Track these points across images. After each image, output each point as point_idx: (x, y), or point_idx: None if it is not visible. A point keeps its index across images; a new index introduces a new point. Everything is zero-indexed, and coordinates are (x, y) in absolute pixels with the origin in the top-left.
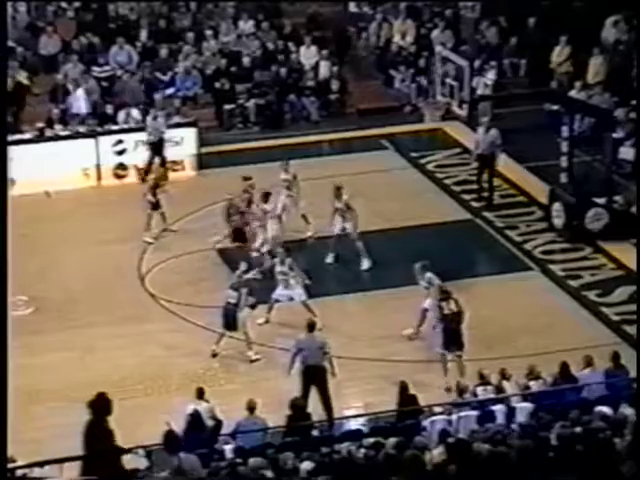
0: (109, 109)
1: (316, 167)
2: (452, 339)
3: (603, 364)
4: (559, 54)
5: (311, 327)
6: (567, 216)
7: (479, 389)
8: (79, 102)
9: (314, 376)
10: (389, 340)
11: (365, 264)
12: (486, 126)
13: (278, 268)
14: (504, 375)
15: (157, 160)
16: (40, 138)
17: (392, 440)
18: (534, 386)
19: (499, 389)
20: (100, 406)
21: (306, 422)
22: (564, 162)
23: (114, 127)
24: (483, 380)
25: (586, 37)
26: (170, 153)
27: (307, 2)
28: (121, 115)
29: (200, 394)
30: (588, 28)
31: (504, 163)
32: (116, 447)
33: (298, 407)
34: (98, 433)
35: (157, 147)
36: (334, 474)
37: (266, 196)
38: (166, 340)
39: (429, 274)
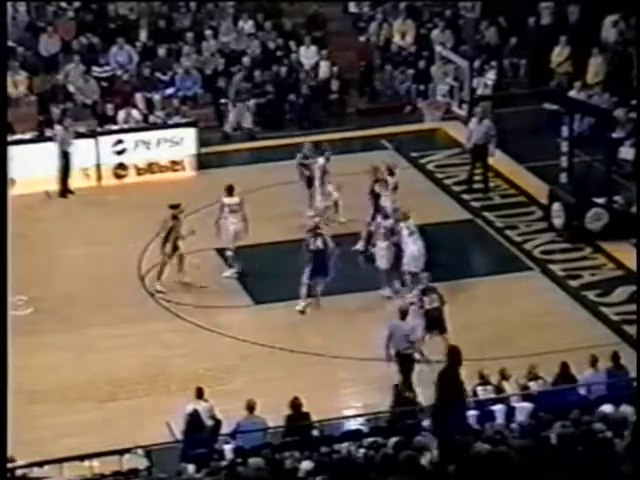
0: (109, 109)
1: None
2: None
3: (603, 364)
4: (559, 54)
5: (404, 314)
6: (567, 216)
7: (479, 389)
8: None
9: (401, 362)
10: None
11: None
12: (479, 117)
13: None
14: (504, 375)
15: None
16: (40, 138)
17: (392, 440)
18: (534, 386)
19: (499, 389)
20: (454, 357)
21: (306, 422)
22: (564, 162)
23: (114, 127)
24: (483, 380)
25: (586, 37)
26: (170, 153)
27: (307, 2)
28: (121, 115)
29: (199, 394)
30: (588, 28)
31: (499, 157)
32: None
33: (298, 407)
34: (450, 382)
35: (66, 157)
36: (334, 474)
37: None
38: (166, 340)
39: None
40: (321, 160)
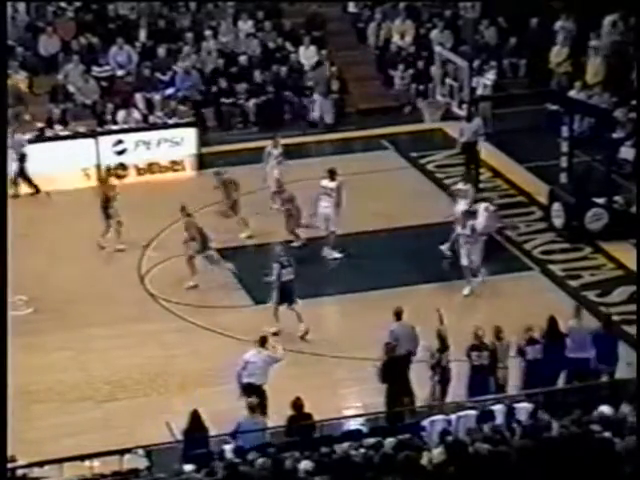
0: (109, 109)
1: (316, 167)
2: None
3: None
4: (557, 54)
5: (398, 315)
6: (567, 216)
7: (473, 354)
8: None
9: (406, 364)
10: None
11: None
12: (469, 115)
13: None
14: (498, 336)
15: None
16: (40, 138)
17: (392, 440)
18: (529, 350)
19: (493, 352)
20: None
21: (308, 422)
22: (564, 162)
23: (114, 127)
24: (478, 340)
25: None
26: (170, 153)
27: (307, 2)
28: (121, 115)
29: (263, 342)
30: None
31: (499, 157)
32: None
33: (300, 407)
34: None
35: (22, 161)
36: (333, 474)
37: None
38: (166, 340)
39: None
40: (274, 151)
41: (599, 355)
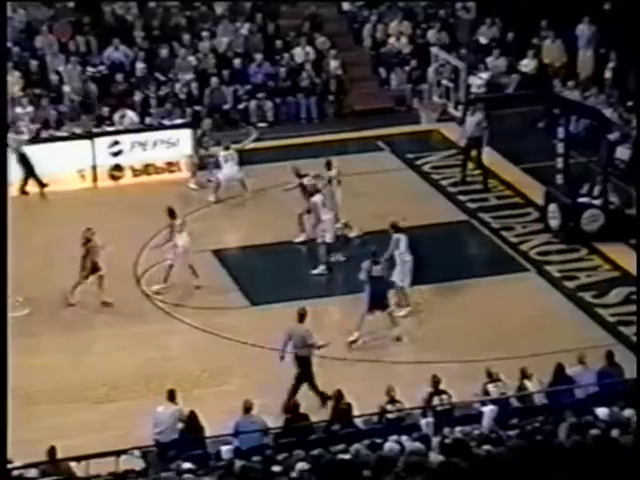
0: (105, 110)
1: (315, 167)
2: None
3: (599, 364)
4: (548, 49)
5: (301, 317)
6: (563, 217)
7: (490, 387)
8: None
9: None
10: (388, 340)
11: None
12: (472, 110)
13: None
14: (525, 374)
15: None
16: (36, 139)
17: (390, 440)
18: (529, 386)
19: (521, 388)
20: None
21: (305, 423)
22: (560, 163)
23: (110, 128)
24: (492, 378)
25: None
26: (166, 154)
27: (306, 2)
28: (117, 116)
29: (171, 396)
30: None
31: (495, 158)
32: None
33: (296, 408)
34: None
35: (24, 160)
36: (330, 475)
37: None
38: (163, 341)
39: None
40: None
41: (602, 392)
